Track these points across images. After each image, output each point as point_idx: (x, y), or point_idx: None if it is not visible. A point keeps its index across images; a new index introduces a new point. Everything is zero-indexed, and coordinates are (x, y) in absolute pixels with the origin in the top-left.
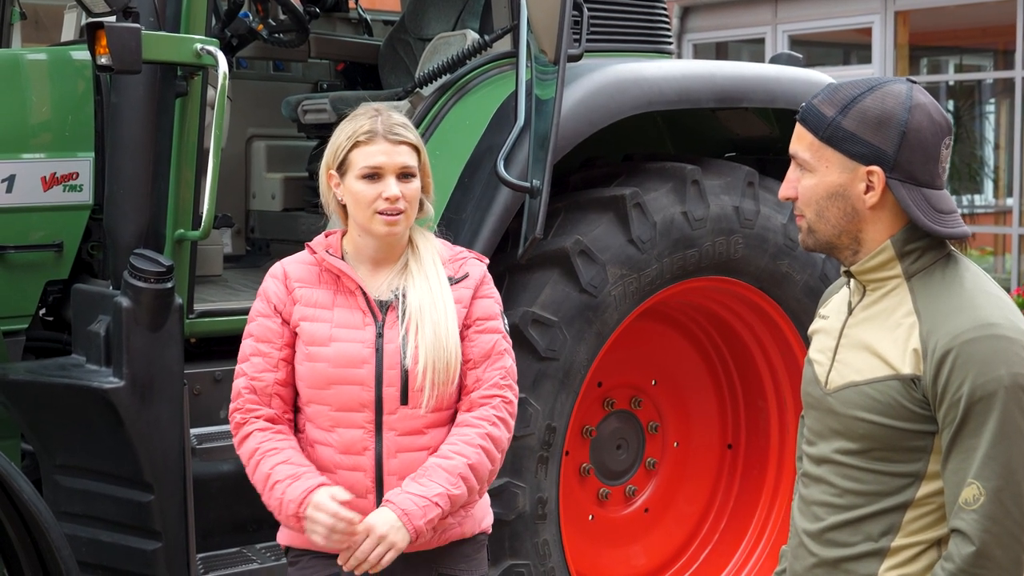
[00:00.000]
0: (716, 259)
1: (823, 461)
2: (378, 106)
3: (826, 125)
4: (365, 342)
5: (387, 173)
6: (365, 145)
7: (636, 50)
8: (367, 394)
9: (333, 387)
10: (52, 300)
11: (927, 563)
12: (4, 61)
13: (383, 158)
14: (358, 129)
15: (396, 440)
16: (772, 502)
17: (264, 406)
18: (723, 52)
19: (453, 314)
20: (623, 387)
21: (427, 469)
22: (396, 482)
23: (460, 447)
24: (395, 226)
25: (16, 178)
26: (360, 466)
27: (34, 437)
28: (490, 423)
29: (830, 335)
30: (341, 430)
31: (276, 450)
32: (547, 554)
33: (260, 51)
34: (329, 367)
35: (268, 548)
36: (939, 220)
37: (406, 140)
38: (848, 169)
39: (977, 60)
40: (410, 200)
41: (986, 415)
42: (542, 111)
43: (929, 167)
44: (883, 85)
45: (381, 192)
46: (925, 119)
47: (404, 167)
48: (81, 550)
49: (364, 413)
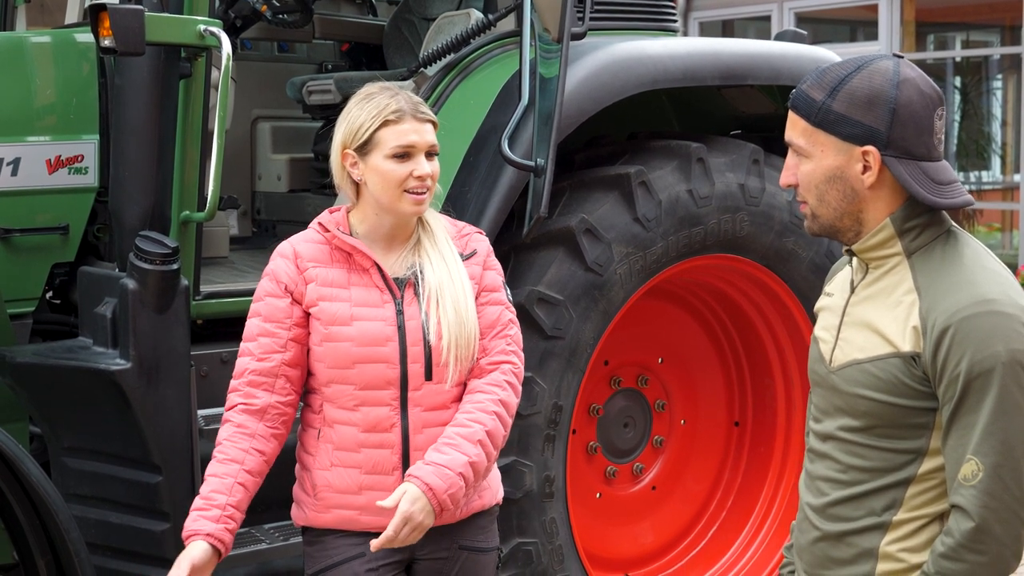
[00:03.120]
0: (722, 237)
1: (828, 438)
2: (389, 84)
3: (816, 110)
4: (387, 320)
5: (418, 151)
6: (395, 124)
7: (640, 28)
8: (392, 371)
9: (357, 366)
10: (59, 283)
11: (929, 536)
12: (9, 44)
13: (415, 136)
14: (384, 108)
15: (422, 416)
16: (779, 479)
17: (266, 390)
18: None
19: (470, 291)
20: (630, 365)
21: (448, 438)
22: (422, 457)
23: (476, 414)
24: (422, 204)
25: (21, 161)
26: (387, 443)
27: (42, 420)
28: (501, 388)
29: (834, 313)
30: (366, 408)
31: (225, 457)
32: (555, 532)
33: (264, 32)
34: (353, 346)
35: (277, 528)
36: (939, 192)
37: (431, 118)
38: (843, 151)
39: (984, 36)
40: (435, 178)
41: (984, 391)
42: (546, 90)
43: (923, 140)
44: (869, 64)
45: (412, 171)
46: (914, 93)
47: (433, 145)
48: (90, 531)
49: (390, 391)
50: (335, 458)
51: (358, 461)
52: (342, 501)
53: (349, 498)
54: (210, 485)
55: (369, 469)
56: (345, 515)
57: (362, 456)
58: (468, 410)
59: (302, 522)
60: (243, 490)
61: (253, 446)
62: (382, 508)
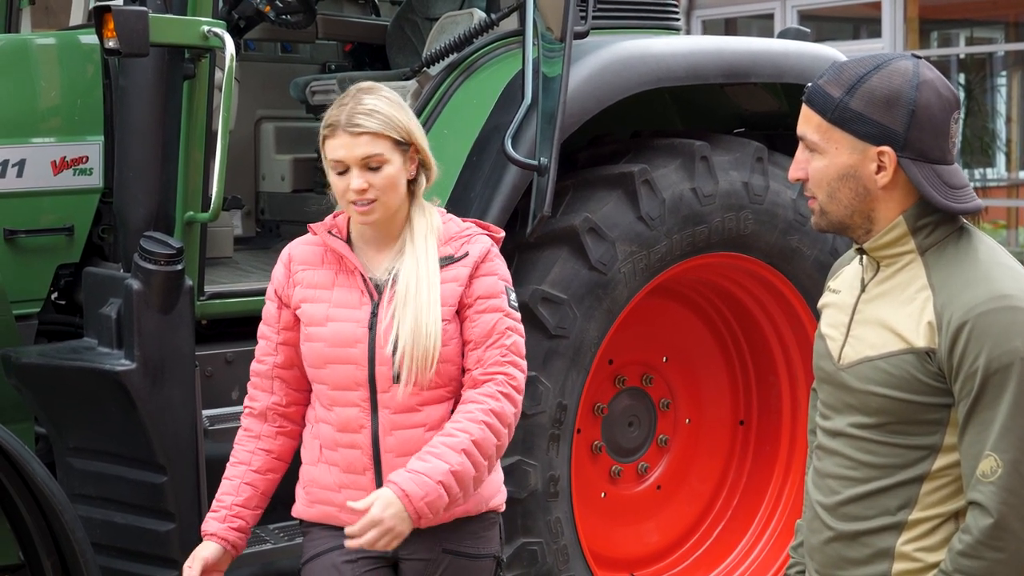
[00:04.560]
0: (726, 235)
1: (837, 434)
2: (357, 89)
3: (833, 107)
4: (360, 321)
5: (351, 166)
6: (329, 139)
7: (643, 26)
8: (360, 373)
9: (329, 366)
10: (64, 284)
11: (945, 536)
12: (13, 46)
13: (343, 151)
14: (325, 120)
15: (391, 418)
16: (785, 478)
17: (265, 392)
18: (732, 28)
19: (436, 294)
20: (634, 364)
21: (432, 446)
22: (393, 459)
23: (463, 424)
24: (369, 215)
25: (26, 162)
26: (357, 444)
27: (47, 420)
28: (493, 398)
29: (843, 310)
30: (338, 409)
31: (235, 461)
32: (559, 532)
33: (267, 33)
34: (325, 347)
35: (282, 528)
36: (952, 196)
37: (367, 130)
38: (858, 150)
39: (988, 33)
40: (381, 188)
41: (1002, 387)
42: (549, 89)
43: (939, 143)
44: (889, 63)
45: (348, 184)
46: (933, 95)
47: (365, 158)
48: (95, 532)
49: (359, 392)
50: (321, 455)
51: (336, 459)
52: (324, 497)
53: (330, 494)
54: (222, 488)
55: (345, 468)
56: (327, 511)
57: (338, 455)
58: (456, 420)
59: (298, 515)
60: (251, 488)
61: (258, 446)
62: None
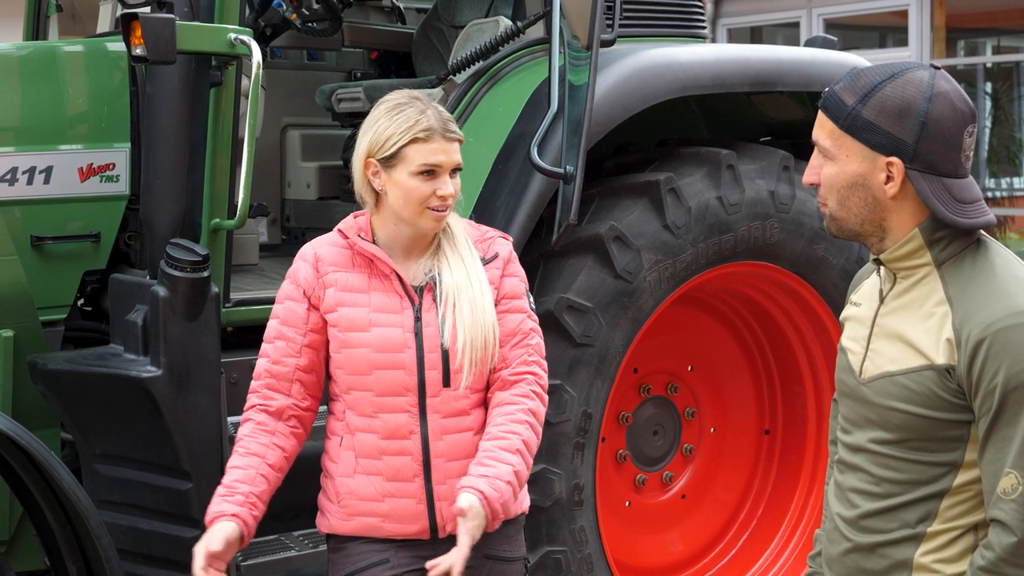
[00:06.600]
0: (752, 244)
1: (858, 450)
2: (417, 94)
3: (846, 114)
4: (404, 326)
5: (444, 171)
6: (424, 143)
7: (670, 35)
8: (410, 378)
9: (375, 372)
10: (90, 290)
11: (964, 547)
12: (41, 54)
13: (443, 156)
14: (414, 125)
15: (441, 423)
16: (810, 487)
17: (282, 393)
18: (758, 36)
19: (489, 293)
20: (659, 373)
21: (487, 451)
22: (443, 464)
23: (509, 425)
24: (442, 221)
25: (54, 169)
26: (406, 450)
27: (73, 426)
28: (528, 398)
29: (863, 324)
30: (385, 415)
31: (245, 451)
32: (584, 540)
33: (294, 40)
34: (371, 352)
35: (306, 535)
36: (960, 211)
37: (459, 137)
38: (868, 159)
39: (1015, 42)
40: (456, 195)
41: (1021, 404)
42: (575, 97)
43: (951, 156)
44: (905, 72)
45: (436, 189)
46: (947, 108)
47: (458, 164)
48: (120, 538)
49: (408, 397)
50: (358, 466)
51: (380, 468)
52: (365, 508)
53: (372, 505)
54: (232, 475)
55: (391, 476)
56: (369, 522)
57: (383, 463)
58: (500, 422)
59: (326, 529)
60: (265, 482)
61: (274, 442)
62: (406, 515)
